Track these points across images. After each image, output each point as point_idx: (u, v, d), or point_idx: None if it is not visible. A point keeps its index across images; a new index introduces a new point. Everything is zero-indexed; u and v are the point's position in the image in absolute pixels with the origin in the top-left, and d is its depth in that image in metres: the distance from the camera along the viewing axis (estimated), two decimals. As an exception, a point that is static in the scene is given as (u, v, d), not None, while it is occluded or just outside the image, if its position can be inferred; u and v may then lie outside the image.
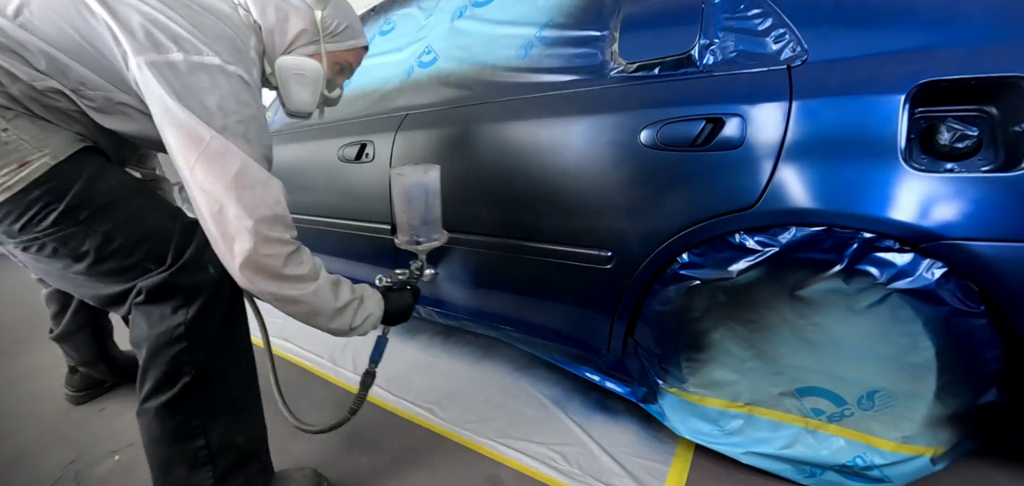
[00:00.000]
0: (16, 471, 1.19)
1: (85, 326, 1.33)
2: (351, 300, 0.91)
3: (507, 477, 1.09)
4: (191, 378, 0.78)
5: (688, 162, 0.89)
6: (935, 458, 0.85)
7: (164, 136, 0.71)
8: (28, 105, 0.69)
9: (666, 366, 1.02)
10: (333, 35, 0.95)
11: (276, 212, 0.75)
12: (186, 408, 0.80)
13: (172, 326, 0.76)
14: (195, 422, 0.81)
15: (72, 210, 0.71)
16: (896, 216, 0.72)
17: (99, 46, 0.70)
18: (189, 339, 0.77)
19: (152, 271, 0.76)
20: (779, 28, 0.85)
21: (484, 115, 1.20)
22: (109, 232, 0.73)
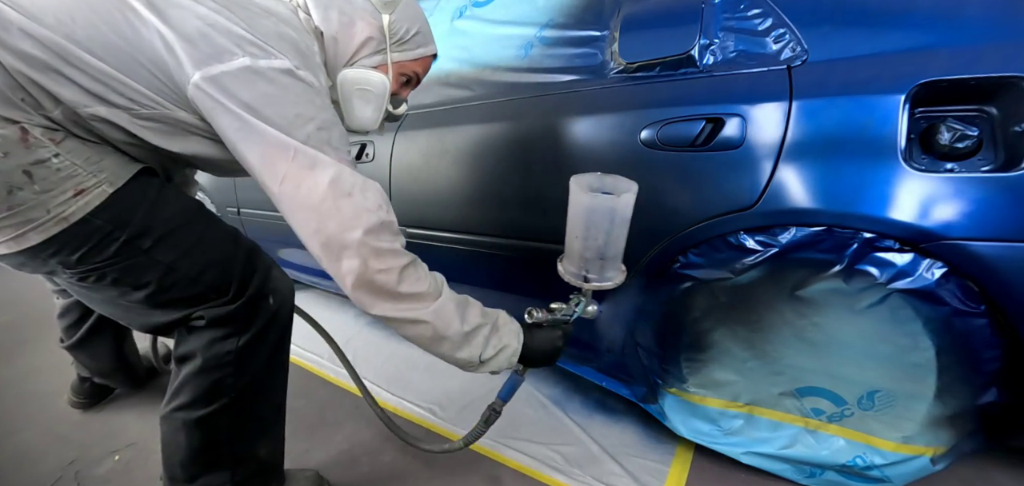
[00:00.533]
0: (16, 471, 1.19)
1: (105, 332, 1.25)
2: (481, 325, 0.78)
3: (507, 477, 1.09)
4: (229, 400, 0.77)
5: (688, 162, 0.89)
6: (935, 458, 0.85)
7: (242, 156, 0.65)
8: (73, 129, 0.61)
9: (666, 366, 1.02)
10: (401, 42, 0.85)
11: (381, 218, 0.69)
12: (218, 425, 0.78)
13: (222, 351, 0.74)
14: (222, 435, 0.79)
15: (135, 239, 0.66)
16: (896, 216, 0.72)
17: (152, 57, 0.60)
18: (236, 365, 0.75)
19: (214, 301, 0.73)
20: (779, 28, 0.85)
21: (484, 115, 1.20)
22: (173, 262, 0.69)
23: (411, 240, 1.38)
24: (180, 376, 0.77)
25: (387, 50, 0.83)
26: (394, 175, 1.36)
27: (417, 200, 1.32)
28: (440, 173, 1.26)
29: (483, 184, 1.18)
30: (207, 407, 0.76)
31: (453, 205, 1.25)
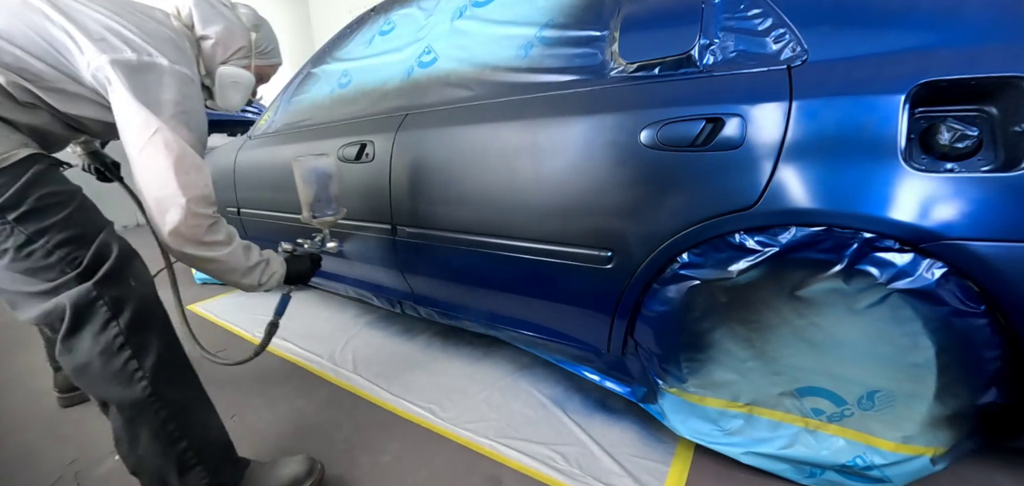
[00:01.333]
0: (17, 471, 1.19)
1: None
2: (259, 262, 1.05)
3: (507, 477, 1.09)
4: (148, 383, 0.82)
5: (688, 162, 0.89)
6: (935, 458, 0.85)
7: (120, 122, 0.82)
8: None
9: (666, 366, 1.02)
10: (262, 53, 1.14)
11: (204, 193, 0.88)
12: (155, 414, 0.83)
13: (110, 337, 0.79)
14: (170, 426, 0.85)
15: (3, 210, 0.73)
16: (896, 216, 0.72)
17: (57, 46, 0.80)
18: (132, 346, 0.81)
19: (69, 275, 0.77)
20: (779, 28, 0.85)
21: (484, 115, 1.20)
22: (32, 234, 0.75)
23: (411, 240, 1.38)
24: (94, 394, 0.83)
25: (252, 56, 1.10)
26: (394, 175, 1.36)
27: (417, 199, 1.32)
28: (439, 173, 1.26)
29: (482, 184, 1.18)
30: (132, 395, 0.81)
31: (453, 205, 1.25)
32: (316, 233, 1.32)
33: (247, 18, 1.10)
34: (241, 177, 2.04)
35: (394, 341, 1.79)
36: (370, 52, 1.65)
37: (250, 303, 2.28)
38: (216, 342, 1.88)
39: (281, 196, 1.82)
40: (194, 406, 0.91)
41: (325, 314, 2.09)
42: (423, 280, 1.46)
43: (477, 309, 1.38)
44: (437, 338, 1.79)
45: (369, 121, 1.50)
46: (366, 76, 1.62)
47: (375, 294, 1.70)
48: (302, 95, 1.88)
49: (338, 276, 1.81)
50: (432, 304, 1.50)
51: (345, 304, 2.18)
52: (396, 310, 1.69)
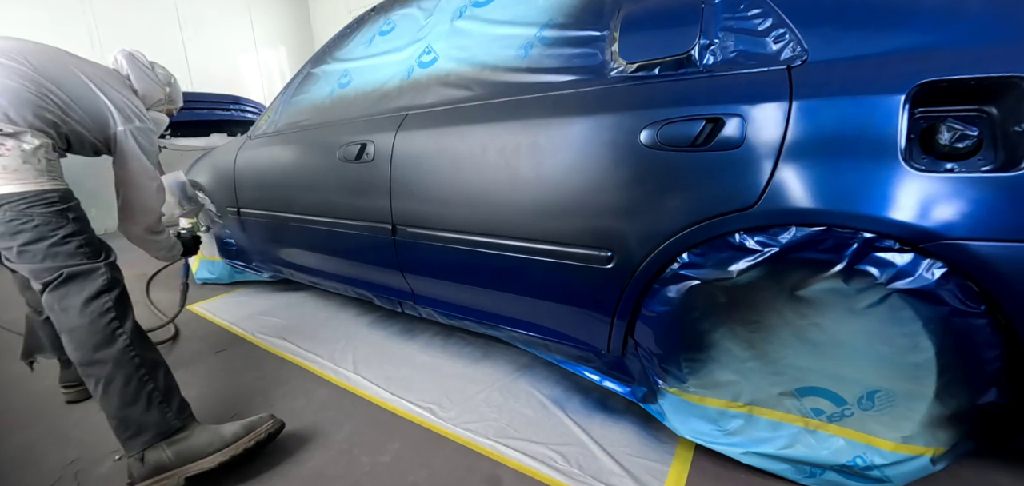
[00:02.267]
0: (17, 470, 1.19)
1: None
2: (173, 243, 1.54)
3: (507, 477, 1.09)
4: (128, 339, 1.09)
5: (688, 162, 0.89)
6: (935, 458, 0.85)
7: (130, 170, 1.26)
8: (59, 141, 1.14)
9: (666, 366, 1.02)
10: (171, 99, 1.52)
11: (160, 208, 1.39)
12: (130, 361, 1.08)
13: (101, 304, 1.08)
14: (142, 372, 1.09)
15: (66, 209, 1.10)
16: (896, 216, 0.72)
17: (98, 110, 1.20)
18: (116, 313, 1.09)
19: (97, 259, 1.12)
20: (779, 28, 0.85)
21: (484, 115, 1.20)
22: (76, 229, 1.11)
23: (411, 240, 1.38)
24: (81, 337, 1.06)
25: (164, 102, 1.48)
26: (394, 175, 1.36)
27: (417, 199, 1.33)
28: (439, 173, 1.26)
29: (482, 184, 1.18)
30: (112, 346, 1.07)
31: (453, 205, 1.25)
32: (193, 220, 2.08)
33: (162, 76, 1.46)
34: (241, 177, 2.04)
35: (394, 341, 1.79)
36: (370, 52, 1.65)
37: (247, 303, 2.28)
38: (218, 341, 1.88)
39: (281, 196, 1.82)
40: (160, 365, 1.15)
41: (325, 314, 2.09)
42: (423, 280, 1.46)
43: (477, 309, 1.38)
44: (437, 338, 1.79)
45: (369, 121, 1.50)
46: (366, 76, 1.62)
47: (375, 294, 1.70)
48: (302, 95, 1.88)
49: (338, 276, 1.81)
50: (432, 304, 1.49)
51: (345, 304, 2.18)
52: (396, 310, 1.69)
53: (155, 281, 2.77)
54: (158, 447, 1.07)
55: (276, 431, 1.19)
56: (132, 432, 1.07)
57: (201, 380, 1.58)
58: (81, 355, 1.06)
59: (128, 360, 1.08)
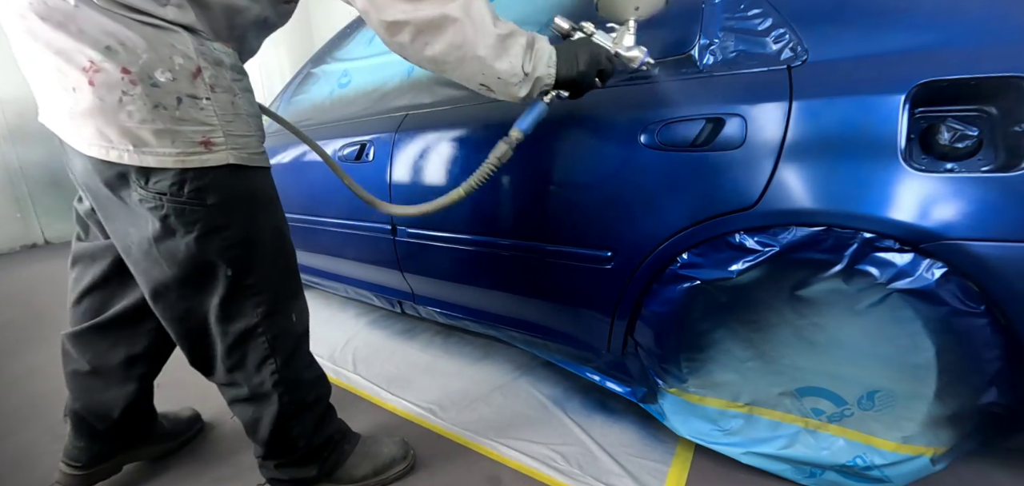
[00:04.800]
0: (17, 471, 1.19)
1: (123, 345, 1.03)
2: (515, 31, 0.73)
3: (507, 477, 1.09)
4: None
5: (688, 162, 0.89)
6: (935, 458, 0.85)
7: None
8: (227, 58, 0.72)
9: (666, 366, 1.02)
10: None
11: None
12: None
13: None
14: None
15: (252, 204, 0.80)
16: (896, 216, 0.72)
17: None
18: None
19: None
20: (779, 28, 0.85)
21: (484, 115, 1.20)
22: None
23: (411, 240, 1.38)
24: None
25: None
26: (394, 175, 1.36)
27: (417, 199, 1.32)
28: (439, 173, 1.26)
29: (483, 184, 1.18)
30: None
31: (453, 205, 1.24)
32: (619, 28, 0.84)
33: None
34: (241, 177, 2.04)
35: (394, 341, 1.79)
36: (370, 52, 1.65)
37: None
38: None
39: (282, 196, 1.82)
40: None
41: (325, 314, 2.09)
42: (423, 280, 1.46)
43: (477, 309, 1.38)
44: (437, 338, 1.79)
45: (369, 121, 1.50)
46: (366, 76, 1.62)
47: (375, 294, 1.70)
48: (302, 95, 1.88)
49: (338, 276, 1.81)
50: (432, 304, 1.49)
51: (345, 304, 2.18)
52: (396, 310, 1.69)
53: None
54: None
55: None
56: None
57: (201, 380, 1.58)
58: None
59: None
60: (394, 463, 1.09)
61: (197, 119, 0.68)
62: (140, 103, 0.64)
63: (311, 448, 0.99)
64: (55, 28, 0.62)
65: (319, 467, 1.00)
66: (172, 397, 1.34)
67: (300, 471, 0.99)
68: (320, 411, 1.01)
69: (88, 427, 1.00)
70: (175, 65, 0.65)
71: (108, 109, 0.64)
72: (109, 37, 0.62)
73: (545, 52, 0.77)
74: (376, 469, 1.06)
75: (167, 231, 0.73)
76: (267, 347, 0.86)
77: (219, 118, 0.71)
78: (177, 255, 0.75)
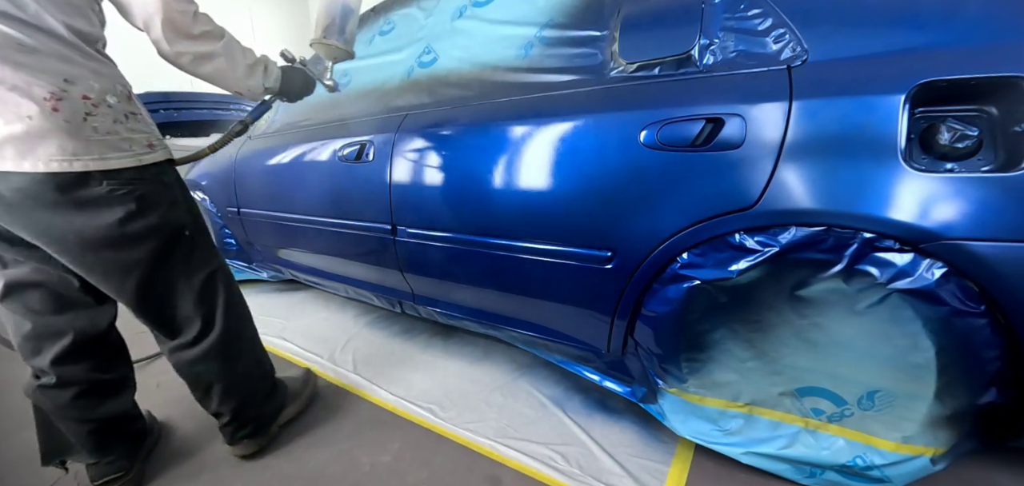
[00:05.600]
0: (17, 471, 1.19)
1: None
2: (258, 61, 1.07)
3: (507, 477, 1.09)
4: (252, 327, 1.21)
5: (688, 162, 0.89)
6: (935, 458, 0.85)
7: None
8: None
9: (666, 366, 1.02)
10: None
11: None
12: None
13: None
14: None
15: (175, 185, 1.01)
16: (896, 216, 0.72)
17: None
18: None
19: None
20: (779, 28, 0.85)
21: (484, 115, 1.20)
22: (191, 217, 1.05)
23: (411, 240, 1.38)
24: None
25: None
26: (394, 175, 1.36)
27: (416, 199, 1.33)
28: (439, 173, 1.26)
29: (482, 184, 1.18)
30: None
31: (452, 205, 1.25)
32: (321, 61, 1.27)
33: None
34: (241, 177, 2.04)
35: (394, 341, 1.79)
36: (370, 52, 1.65)
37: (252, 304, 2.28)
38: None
39: (281, 196, 1.82)
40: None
41: (325, 314, 2.09)
42: (423, 280, 1.46)
43: (477, 309, 1.38)
44: (437, 338, 1.79)
45: (369, 121, 1.50)
46: (366, 76, 1.62)
47: (375, 294, 1.69)
48: (302, 95, 1.88)
49: (338, 276, 1.81)
50: (432, 304, 1.49)
51: (345, 304, 2.18)
52: (396, 310, 1.69)
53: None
54: None
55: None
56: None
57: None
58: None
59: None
60: (302, 391, 1.37)
61: (139, 129, 0.91)
62: (102, 120, 0.83)
63: (258, 392, 1.19)
64: (14, 68, 0.75)
65: (272, 408, 1.23)
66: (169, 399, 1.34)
67: (259, 409, 1.19)
68: (263, 354, 1.25)
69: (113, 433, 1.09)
70: (117, 90, 0.87)
71: (74, 128, 0.80)
72: (65, 72, 0.79)
73: (274, 73, 1.12)
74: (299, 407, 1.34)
75: (140, 210, 0.90)
76: (226, 284, 1.09)
77: (148, 127, 0.94)
78: (151, 227, 0.92)
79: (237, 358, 1.11)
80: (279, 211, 1.85)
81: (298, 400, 1.35)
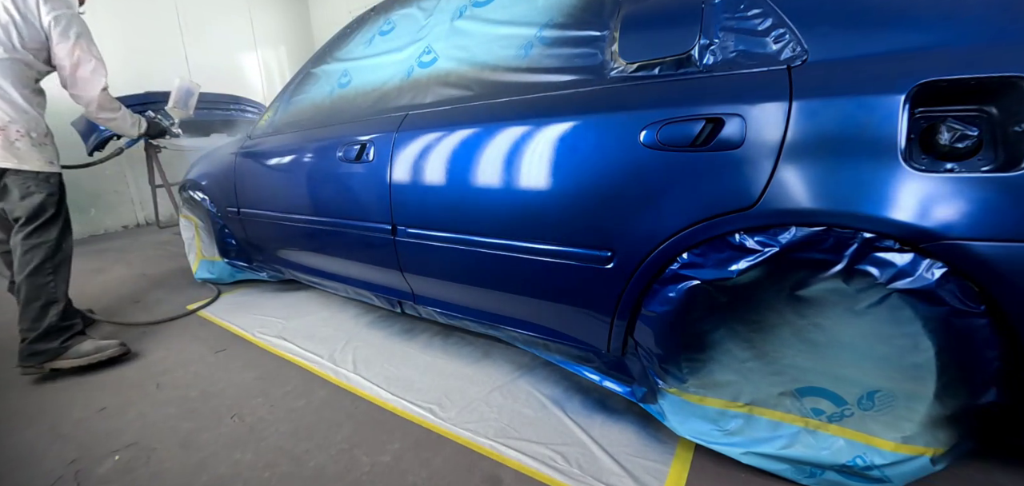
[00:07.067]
0: (17, 470, 1.19)
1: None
2: (136, 118, 1.97)
3: (507, 477, 1.09)
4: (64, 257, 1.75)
5: (688, 162, 0.88)
6: (935, 458, 0.84)
7: (56, 50, 1.64)
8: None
9: (666, 366, 1.02)
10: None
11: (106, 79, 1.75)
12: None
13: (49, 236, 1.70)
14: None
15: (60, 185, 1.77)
16: (896, 216, 0.72)
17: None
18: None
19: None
20: (779, 28, 0.85)
21: (484, 115, 1.20)
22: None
23: (411, 240, 1.38)
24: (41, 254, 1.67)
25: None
26: (394, 175, 1.36)
27: (417, 199, 1.33)
28: (439, 173, 1.26)
29: (482, 184, 1.18)
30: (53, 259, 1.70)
31: (453, 205, 1.25)
32: (170, 118, 2.34)
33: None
34: (241, 177, 2.04)
35: (394, 341, 1.79)
36: (370, 52, 1.65)
37: (247, 303, 2.28)
38: (217, 341, 1.88)
39: (281, 196, 1.82)
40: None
41: (325, 314, 2.09)
42: (423, 280, 1.46)
43: (477, 309, 1.38)
44: (437, 338, 1.79)
45: (369, 121, 1.50)
46: (366, 76, 1.62)
47: (375, 294, 1.70)
48: (302, 95, 1.88)
49: (338, 276, 1.81)
50: (432, 304, 1.49)
51: (345, 304, 2.18)
52: (396, 310, 1.69)
53: (154, 281, 2.77)
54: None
55: (120, 355, 1.75)
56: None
57: (201, 380, 1.58)
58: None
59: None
60: (101, 350, 1.71)
61: (47, 152, 1.66)
62: (26, 145, 1.59)
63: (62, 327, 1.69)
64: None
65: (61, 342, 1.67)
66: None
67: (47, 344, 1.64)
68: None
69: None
70: (40, 129, 1.64)
71: (7, 145, 1.56)
72: (7, 116, 1.55)
73: (144, 123, 2.04)
74: (96, 348, 1.72)
75: (42, 196, 1.64)
76: (52, 248, 1.67)
77: (54, 151, 1.70)
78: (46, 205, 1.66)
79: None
80: (279, 211, 1.85)
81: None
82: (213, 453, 1.21)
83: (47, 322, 1.62)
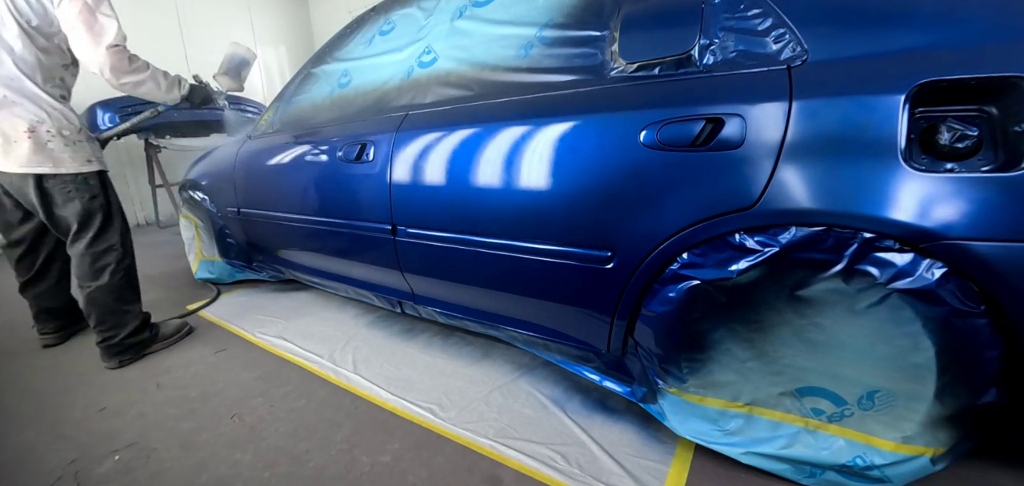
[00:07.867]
0: (17, 470, 1.19)
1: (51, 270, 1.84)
2: (173, 79, 1.70)
3: (507, 477, 1.09)
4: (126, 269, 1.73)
5: (688, 162, 0.89)
6: (935, 458, 0.85)
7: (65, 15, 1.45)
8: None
9: (666, 366, 1.02)
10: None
11: (123, 36, 1.49)
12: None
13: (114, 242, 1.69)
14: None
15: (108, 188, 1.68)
16: (896, 216, 0.72)
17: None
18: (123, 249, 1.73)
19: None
20: (779, 28, 0.85)
21: (484, 115, 1.20)
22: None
23: (411, 240, 1.38)
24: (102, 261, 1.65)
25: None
26: (394, 175, 1.36)
27: (417, 199, 1.33)
28: (439, 173, 1.26)
29: (482, 184, 1.18)
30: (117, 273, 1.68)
31: (453, 205, 1.25)
32: (219, 90, 2.04)
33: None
34: (241, 177, 2.04)
35: (394, 341, 1.79)
36: (370, 52, 1.65)
37: (247, 303, 2.28)
38: (218, 341, 1.88)
39: (282, 196, 1.82)
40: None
41: (325, 314, 2.09)
42: (423, 280, 1.46)
43: (477, 309, 1.38)
44: (437, 338, 1.79)
45: (369, 121, 1.50)
46: (366, 76, 1.62)
47: (375, 294, 1.70)
48: (302, 95, 1.88)
49: (338, 276, 1.81)
50: (432, 304, 1.49)
51: (345, 304, 2.18)
52: (396, 310, 1.69)
53: (154, 281, 2.78)
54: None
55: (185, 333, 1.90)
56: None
57: (201, 380, 1.58)
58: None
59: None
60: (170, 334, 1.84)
61: (83, 150, 1.55)
62: (59, 145, 1.50)
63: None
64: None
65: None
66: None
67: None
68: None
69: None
70: (73, 124, 1.53)
71: (39, 147, 1.46)
72: (35, 115, 1.45)
73: (186, 85, 1.76)
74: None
75: (84, 200, 1.57)
76: (120, 252, 1.67)
77: (90, 148, 1.58)
78: (92, 210, 1.60)
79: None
80: (279, 211, 1.85)
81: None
82: (213, 453, 1.21)
83: (132, 321, 1.69)
